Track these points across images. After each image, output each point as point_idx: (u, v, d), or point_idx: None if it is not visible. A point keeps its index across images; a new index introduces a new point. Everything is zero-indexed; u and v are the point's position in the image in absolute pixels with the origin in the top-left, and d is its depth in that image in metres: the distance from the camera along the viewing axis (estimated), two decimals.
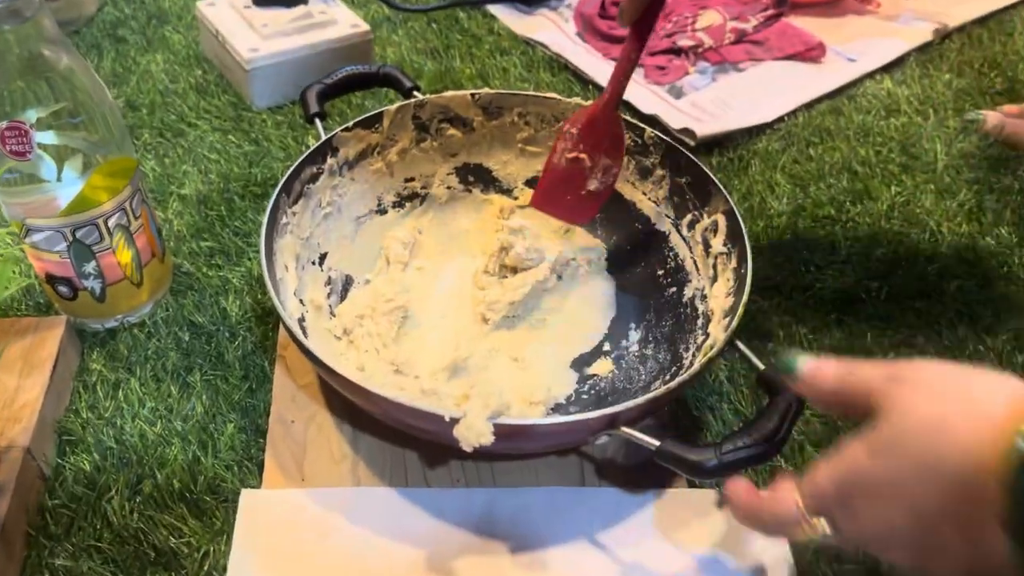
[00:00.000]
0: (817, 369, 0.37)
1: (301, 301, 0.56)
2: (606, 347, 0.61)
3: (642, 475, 0.52)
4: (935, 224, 0.72)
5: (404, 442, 0.54)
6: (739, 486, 0.39)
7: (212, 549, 0.49)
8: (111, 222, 0.56)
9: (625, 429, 0.45)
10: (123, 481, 0.52)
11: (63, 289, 0.58)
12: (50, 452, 0.53)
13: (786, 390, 0.45)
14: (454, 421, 0.43)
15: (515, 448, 0.50)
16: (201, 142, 0.78)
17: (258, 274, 0.66)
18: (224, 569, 0.48)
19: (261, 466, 0.53)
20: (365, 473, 0.52)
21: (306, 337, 0.52)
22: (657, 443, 0.44)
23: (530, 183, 0.68)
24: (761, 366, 0.49)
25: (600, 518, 0.50)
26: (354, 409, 0.54)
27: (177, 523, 0.50)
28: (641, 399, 0.45)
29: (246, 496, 0.50)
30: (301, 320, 0.55)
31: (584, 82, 0.88)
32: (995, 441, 0.30)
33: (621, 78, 0.55)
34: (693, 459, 0.43)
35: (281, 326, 0.60)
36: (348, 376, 0.45)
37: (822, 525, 0.35)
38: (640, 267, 0.64)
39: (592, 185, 0.59)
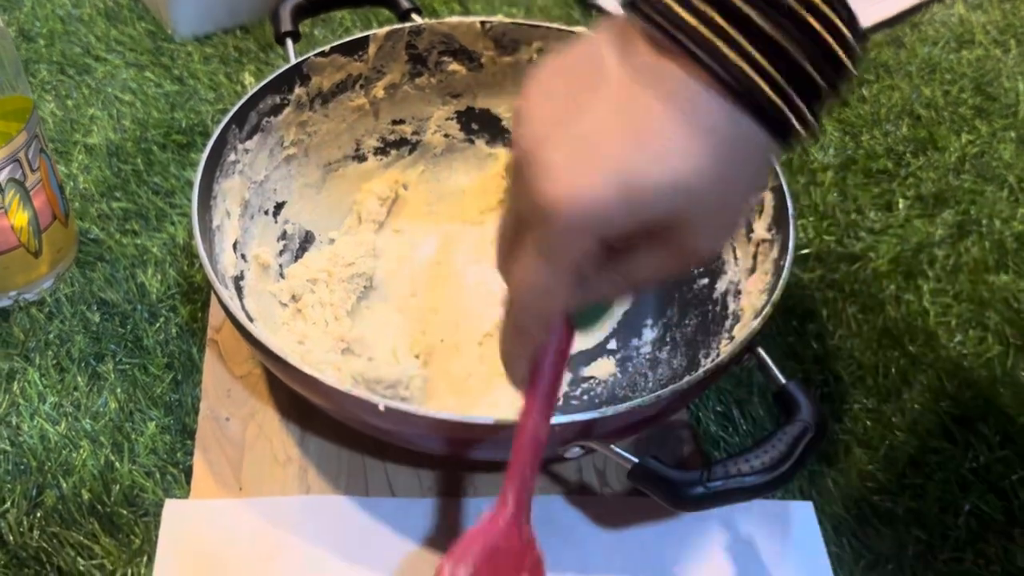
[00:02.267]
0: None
1: (243, 257, 0.58)
2: (611, 345, 0.62)
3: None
4: (1015, 180, 0.74)
5: (363, 446, 0.55)
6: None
7: (130, 573, 0.50)
8: (2, 176, 0.57)
9: (600, 445, 0.46)
10: (20, 492, 0.53)
11: None
12: None
13: (807, 411, 0.46)
14: (391, 412, 0.44)
15: (465, 452, 0.51)
16: (112, 80, 0.79)
17: (184, 242, 0.67)
18: None
19: (189, 472, 0.54)
20: (316, 480, 0.54)
21: (241, 299, 0.53)
22: (635, 460, 0.46)
23: None
24: (782, 380, 0.49)
25: (585, 531, 0.52)
26: (303, 405, 0.56)
27: (87, 541, 0.51)
28: (622, 407, 0.46)
29: (170, 508, 0.52)
30: (238, 279, 0.56)
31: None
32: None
33: (526, 472, 0.42)
34: (675, 482, 0.44)
35: (212, 304, 0.62)
36: (263, 340, 0.46)
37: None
38: None
39: None
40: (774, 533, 0.53)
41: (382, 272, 0.63)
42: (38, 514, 0.52)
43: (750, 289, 0.57)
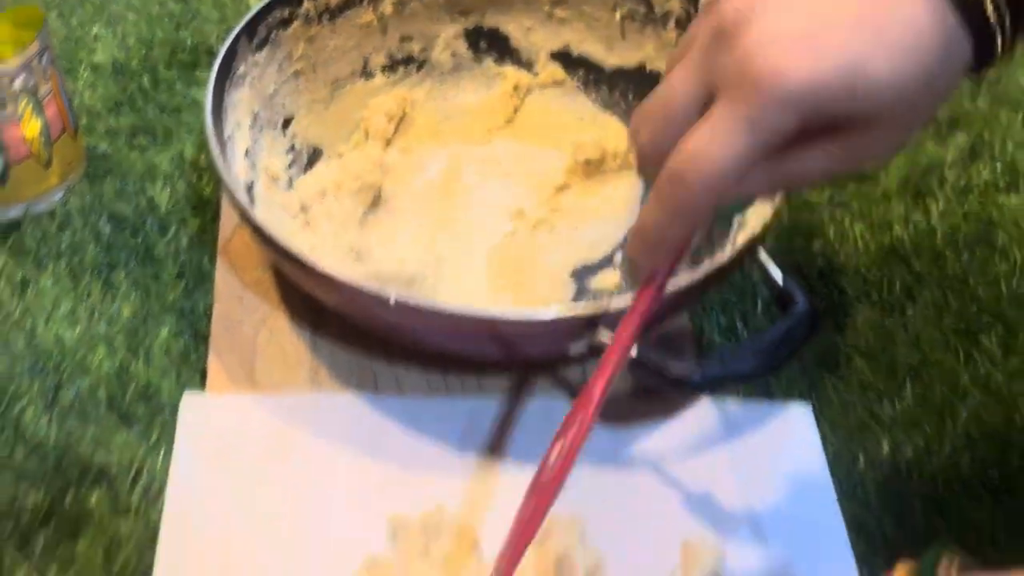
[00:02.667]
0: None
1: (253, 166, 0.61)
2: (617, 257, 0.65)
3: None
4: None
5: (373, 349, 0.59)
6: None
7: (148, 464, 0.54)
8: (16, 84, 0.60)
9: (604, 337, 0.50)
10: (37, 390, 0.57)
11: None
12: None
13: (802, 304, 0.49)
14: (401, 305, 0.48)
15: (475, 349, 0.54)
16: None
17: (192, 158, 0.70)
18: (163, 487, 0.53)
19: (203, 374, 0.58)
20: (327, 380, 0.57)
21: (252, 209, 0.57)
22: (634, 355, 0.49)
23: (556, 56, 0.71)
24: (780, 280, 0.52)
25: (597, 430, 0.56)
26: (313, 310, 0.59)
27: (104, 436, 0.55)
28: (626, 302, 0.49)
29: (188, 400, 0.55)
30: (249, 188, 0.59)
31: None
32: None
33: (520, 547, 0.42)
34: (674, 373, 0.48)
35: (223, 214, 0.65)
36: (277, 239, 0.50)
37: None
38: None
39: None
40: (773, 433, 0.56)
41: (390, 187, 0.66)
42: (55, 411, 0.56)
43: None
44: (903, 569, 0.33)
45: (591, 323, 0.50)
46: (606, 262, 0.65)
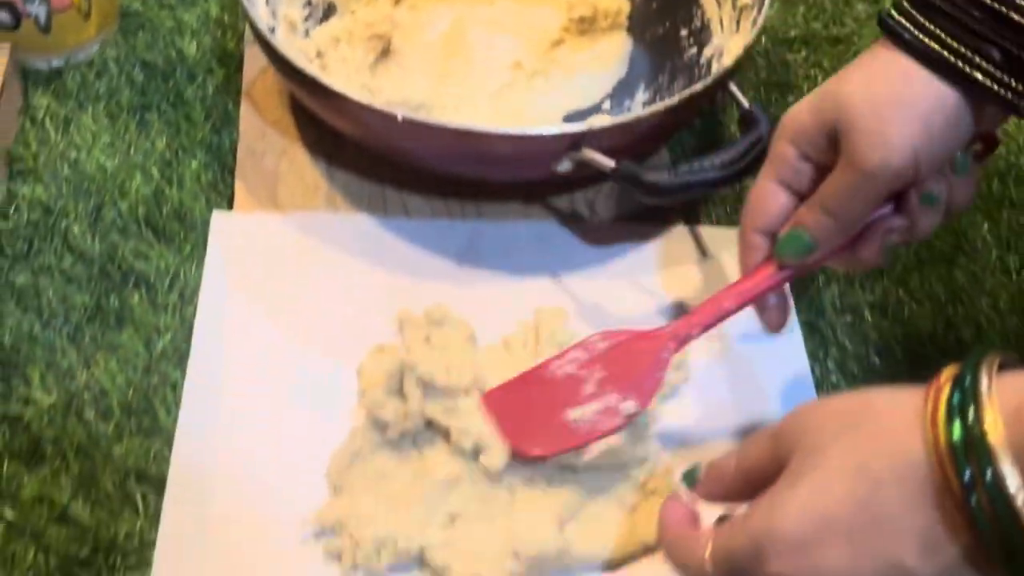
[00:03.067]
0: (713, 465, 0.44)
1: (273, 14, 0.67)
2: (606, 105, 0.71)
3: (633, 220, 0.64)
4: None
5: (383, 176, 0.65)
6: (675, 510, 0.44)
7: (183, 272, 0.61)
8: None
9: (587, 151, 0.56)
10: (82, 208, 0.63)
11: (4, 16, 0.68)
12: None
13: (764, 125, 0.55)
14: (408, 122, 0.54)
15: (474, 170, 0.61)
16: None
17: (217, 16, 0.76)
18: (196, 291, 0.60)
19: (230, 199, 0.64)
20: (342, 204, 0.64)
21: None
22: (613, 163, 0.55)
23: None
24: (747, 104, 0.58)
25: (577, 250, 0.62)
26: (330, 142, 0.65)
27: (143, 248, 0.62)
28: (606, 122, 0.56)
29: (218, 217, 0.62)
30: (271, 32, 0.65)
31: None
32: (924, 432, 0.35)
33: (716, 314, 0.51)
34: (650, 179, 0.54)
35: (247, 61, 0.71)
36: (297, 64, 0.56)
37: None
38: (664, 26, 0.74)
39: (576, 416, 0.50)
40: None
41: (398, 41, 0.72)
42: (98, 227, 0.63)
43: (731, 48, 0.66)
44: (948, 372, 0.36)
45: (576, 142, 0.56)
46: (595, 108, 0.71)
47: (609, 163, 0.55)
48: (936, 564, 0.35)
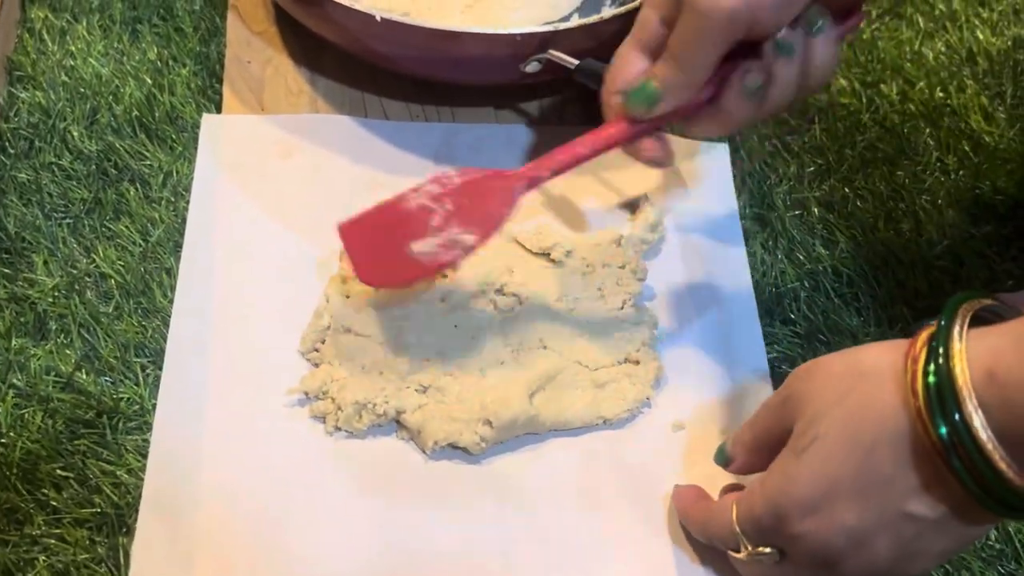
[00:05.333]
0: (735, 440, 0.48)
1: None
2: (575, 19, 0.74)
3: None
4: None
5: (363, 82, 0.68)
6: (687, 494, 0.50)
7: (175, 170, 0.64)
8: None
9: (552, 52, 0.58)
10: (79, 112, 0.66)
11: None
12: (0, 83, 0.67)
13: None
14: (387, 22, 0.57)
15: (448, 71, 0.64)
16: None
17: None
18: (187, 188, 0.63)
19: (219, 104, 0.67)
20: (324, 108, 0.67)
21: None
22: (577, 62, 0.58)
23: None
24: None
25: (546, 151, 0.65)
26: (312, 51, 0.68)
27: (137, 147, 0.65)
28: (572, 23, 0.59)
29: (207, 120, 0.65)
30: None
31: None
32: (904, 389, 0.39)
33: (569, 160, 0.52)
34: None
35: None
36: None
37: (768, 553, 0.44)
38: None
39: (418, 249, 0.51)
40: (695, 161, 0.66)
41: None
42: (95, 129, 0.66)
43: None
44: (925, 333, 0.39)
45: (543, 42, 0.59)
46: (564, 20, 0.73)
47: (573, 61, 0.59)
48: (938, 511, 0.39)
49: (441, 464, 0.53)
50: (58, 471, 0.52)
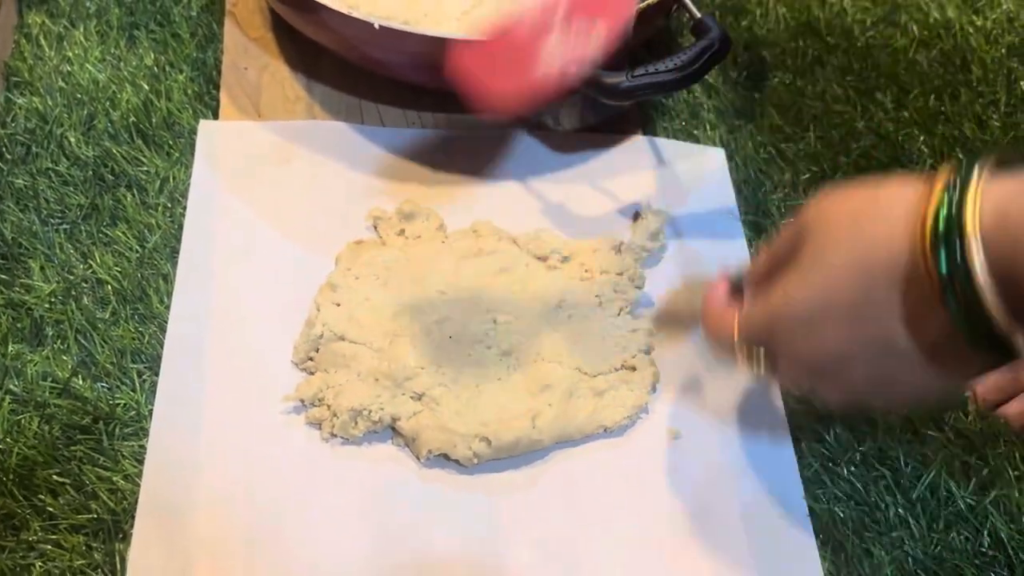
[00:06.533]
0: (754, 260, 0.50)
1: None
2: None
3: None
4: None
5: (360, 89, 0.68)
6: (716, 293, 0.50)
7: (171, 176, 0.64)
8: None
9: None
10: (76, 118, 0.66)
11: None
12: None
13: (715, 31, 0.59)
14: (385, 30, 0.57)
15: (442, 75, 0.63)
16: None
17: None
18: (184, 193, 0.63)
19: (215, 110, 0.67)
20: (321, 115, 0.67)
21: None
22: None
23: None
24: (698, 15, 0.61)
25: (543, 157, 0.65)
26: (309, 57, 0.68)
27: (134, 154, 0.65)
28: None
29: (204, 126, 0.65)
30: None
31: None
32: (913, 224, 0.38)
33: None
34: (609, 81, 0.57)
35: None
36: None
37: (758, 360, 0.46)
38: None
39: (550, 52, 0.49)
40: (693, 167, 0.66)
41: None
42: (92, 134, 0.65)
43: None
44: (945, 170, 0.39)
45: None
46: None
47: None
48: (920, 342, 0.40)
49: (436, 472, 0.53)
50: (54, 477, 0.51)
